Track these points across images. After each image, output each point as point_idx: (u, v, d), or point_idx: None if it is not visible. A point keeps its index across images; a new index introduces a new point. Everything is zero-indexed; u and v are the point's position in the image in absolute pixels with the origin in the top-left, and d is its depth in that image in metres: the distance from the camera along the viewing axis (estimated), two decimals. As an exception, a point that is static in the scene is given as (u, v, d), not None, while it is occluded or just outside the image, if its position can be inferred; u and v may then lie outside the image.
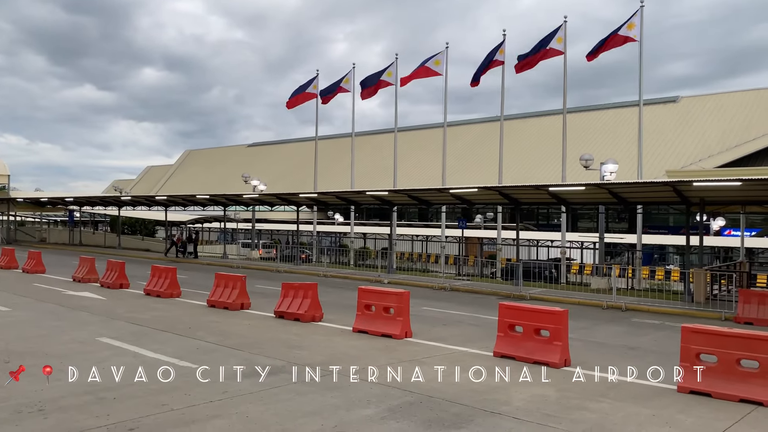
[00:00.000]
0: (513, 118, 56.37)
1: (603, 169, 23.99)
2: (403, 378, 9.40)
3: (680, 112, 51.51)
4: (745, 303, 16.82)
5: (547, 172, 43.83)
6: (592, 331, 15.07)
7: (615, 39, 24.42)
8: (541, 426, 7.32)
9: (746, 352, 8.82)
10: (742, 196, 20.58)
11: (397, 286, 21.34)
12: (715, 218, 35.56)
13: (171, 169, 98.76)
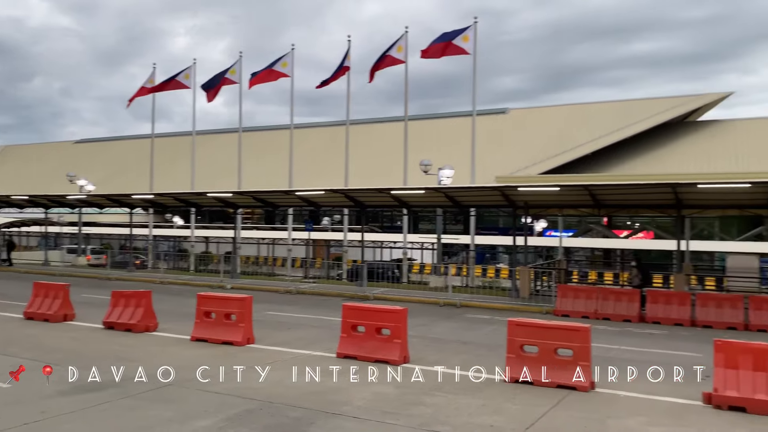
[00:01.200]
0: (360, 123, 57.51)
1: (440, 174, 25.27)
2: (243, 385, 9.15)
3: (510, 122, 55.84)
4: (563, 297, 18.61)
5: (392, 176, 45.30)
6: (430, 327, 15.78)
7: (451, 47, 25.80)
8: (380, 423, 7.50)
9: (562, 342, 9.74)
10: (560, 200, 22.77)
11: (241, 292, 20.79)
12: (539, 220, 39.00)
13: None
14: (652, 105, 49.75)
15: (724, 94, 51.12)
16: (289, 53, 30.86)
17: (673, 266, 22.36)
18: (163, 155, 52.92)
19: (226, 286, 24.67)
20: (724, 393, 8.61)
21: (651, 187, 18.94)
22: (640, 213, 25.90)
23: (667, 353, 12.89)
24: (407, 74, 27.96)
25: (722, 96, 51.07)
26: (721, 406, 8.56)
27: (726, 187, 17.54)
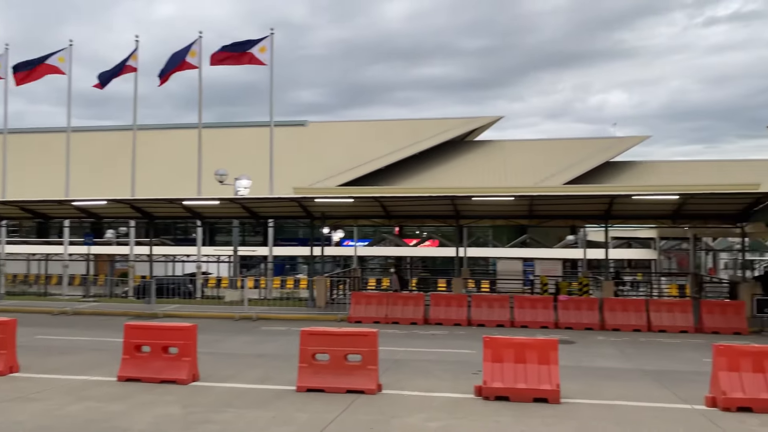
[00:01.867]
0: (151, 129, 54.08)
1: (237, 185, 24.81)
2: (4, 420, 8.04)
3: (309, 135, 56.78)
4: (356, 304, 19.35)
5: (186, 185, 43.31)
6: (223, 343, 15.35)
7: (247, 57, 25.53)
8: (164, 447, 7.10)
9: (351, 348, 10.10)
10: (355, 211, 23.67)
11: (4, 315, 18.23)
12: (336, 230, 40.09)
13: None
14: (438, 125, 54.11)
15: (496, 117, 57.39)
16: (67, 49, 28.06)
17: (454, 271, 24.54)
18: None
19: (-14, 310, 21.48)
20: (492, 385, 9.61)
21: (433, 199, 20.56)
22: (426, 223, 27.99)
23: (447, 351, 14.04)
24: (201, 80, 27.06)
25: (495, 119, 57.29)
26: (489, 397, 9.53)
27: (495, 200, 19.69)
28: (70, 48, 28.10)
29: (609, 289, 21.04)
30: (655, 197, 19.69)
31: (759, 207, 19.08)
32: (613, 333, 17.44)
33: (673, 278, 31.03)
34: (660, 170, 49.84)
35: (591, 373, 11.82)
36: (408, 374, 11.41)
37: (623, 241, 43.25)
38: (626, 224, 31.82)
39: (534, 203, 21.05)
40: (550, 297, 19.86)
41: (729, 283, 23.61)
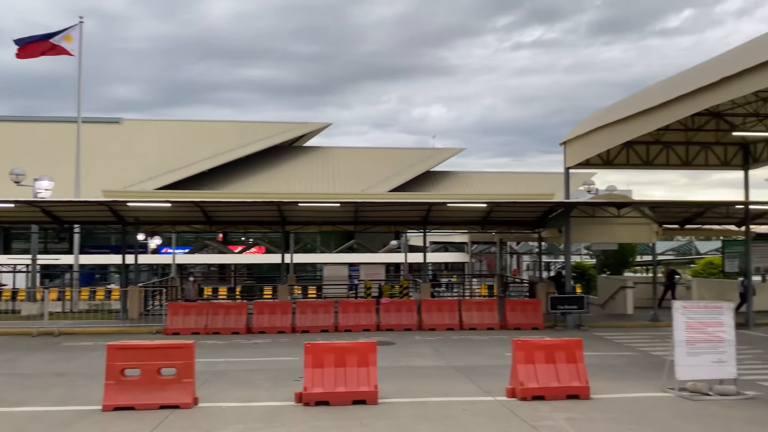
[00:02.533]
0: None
1: (37, 186, 22.33)
2: None
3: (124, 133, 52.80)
4: (173, 315, 18.32)
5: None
6: (18, 362, 13.70)
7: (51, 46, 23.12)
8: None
9: (165, 361, 9.53)
10: (173, 217, 22.43)
11: None
12: (153, 237, 37.70)
13: None
14: (267, 128, 53.41)
15: (325, 124, 58.15)
16: None
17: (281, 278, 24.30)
18: None
19: None
20: (312, 390, 9.64)
21: (259, 204, 20.18)
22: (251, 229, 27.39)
23: (269, 360, 13.82)
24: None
25: (323, 126, 57.99)
26: (309, 402, 9.55)
27: (321, 206, 19.87)
28: None
29: (426, 291, 22.23)
30: (466, 205, 21.22)
31: (553, 215, 21.39)
32: (430, 333, 18.42)
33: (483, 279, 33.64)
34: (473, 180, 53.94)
35: (408, 373, 12.36)
36: (227, 385, 11.05)
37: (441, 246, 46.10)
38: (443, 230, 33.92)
39: (359, 209, 21.58)
40: (372, 300, 20.46)
41: (528, 283, 26.15)
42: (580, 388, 10.12)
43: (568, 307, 19.39)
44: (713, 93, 14.36)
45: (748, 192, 22.61)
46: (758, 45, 13.49)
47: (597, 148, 20.18)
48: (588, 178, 32.93)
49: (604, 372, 12.23)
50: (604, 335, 18.05)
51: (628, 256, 34.38)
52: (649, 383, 11.19)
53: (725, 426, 8.60)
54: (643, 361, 13.97)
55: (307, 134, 56.96)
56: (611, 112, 19.44)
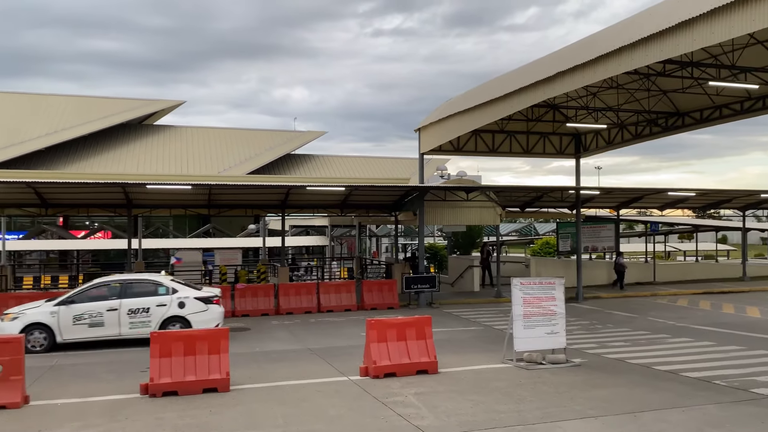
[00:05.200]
0: None
1: None
2: None
3: (-59, 105, 46.59)
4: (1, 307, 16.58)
5: None
6: None
7: None
8: None
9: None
10: (3, 199, 20.23)
11: None
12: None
13: None
14: (112, 104, 49.61)
15: (178, 102, 55.21)
16: None
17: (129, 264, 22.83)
18: None
19: None
20: (159, 381, 9.23)
21: (102, 186, 18.75)
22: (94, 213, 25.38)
23: (115, 351, 13.00)
24: None
25: (177, 104, 55.02)
26: (156, 394, 9.13)
27: (171, 188, 18.88)
28: None
29: (285, 275, 22.06)
30: (325, 188, 21.27)
31: (408, 198, 22.12)
32: (287, 317, 18.36)
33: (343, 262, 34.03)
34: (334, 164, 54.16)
35: (262, 358, 12.24)
36: (65, 381, 10.27)
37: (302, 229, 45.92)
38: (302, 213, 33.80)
39: (213, 192, 20.83)
40: (228, 286, 19.93)
41: (386, 265, 26.89)
42: (428, 363, 10.63)
43: (420, 286, 20.23)
44: (550, 86, 15.56)
45: (579, 178, 24.86)
46: (589, 43, 14.81)
47: (448, 135, 21.10)
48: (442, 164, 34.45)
49: (452, 346, 12.95)
50: (453, 312, 19.08)
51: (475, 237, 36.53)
52: (491, 355, 12.02)
53: (555, 390, 9.47)
54: (487, 335, 14.96)
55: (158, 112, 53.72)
56: (461, 101, 20.39)
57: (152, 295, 13.74)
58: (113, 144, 46.76)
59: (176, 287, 14.00)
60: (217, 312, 13.92)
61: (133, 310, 13.51)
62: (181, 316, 13.58)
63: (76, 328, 13.21)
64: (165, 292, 13.80)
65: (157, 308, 13.60)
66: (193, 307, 13.70)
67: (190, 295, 13.84)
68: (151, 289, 13.88)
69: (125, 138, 48.08)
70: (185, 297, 13.78)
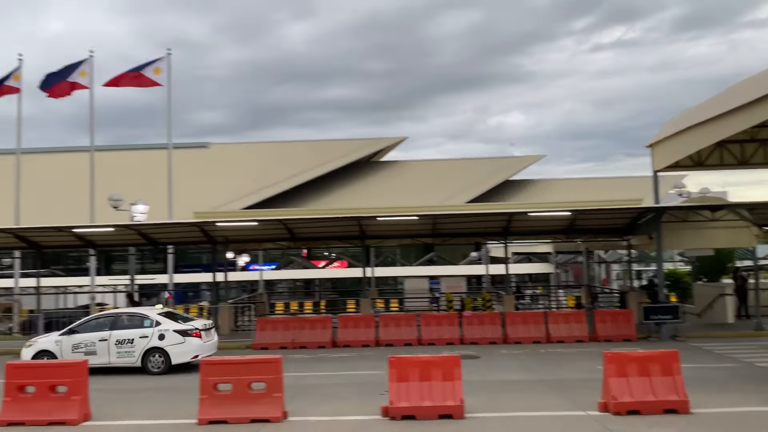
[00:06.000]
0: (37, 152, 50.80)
1: (134, 210, 23.74)
2: None
3: (212, 157, 55.37)
4: (261, 330, 18.89)
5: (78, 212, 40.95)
6: (115, 378, 14.48)
7: (141, 78, 24.62)
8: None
9: (255, 376, 9.83)
10: (259, 235, 23.23)
11: None
12: (241, 255, 39.11)
13: None
14: (344, 146, 54.44)
15: (401, 138, 58.56)
16: (-61, 68, 25.91)
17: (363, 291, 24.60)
18: None
19: None
20: (398, 405, 9.64)
21: (339, 220, 20.55)
22: (333, 244, 27.90)
23: (355, 374, 13.96)
24: (93, 101, 25.78)
25: (399, 140, 58.43)
26: (395, 417, 9.55)
27: (399, 219, 19.99)
28: (-57, 66, 26.00)
29: (510, 303, 21.80)
30: (548, 214, 20.70)
31: (642, 221, 20.50)
32: (516, 346, 18.04)
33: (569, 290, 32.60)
34: (555, 188, 52.59)
35: (494, 387, 12.14)
36: (315, 399, 11.25)
37: (523, 256, 45.10)
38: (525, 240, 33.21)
39: (437, 222, 21.53)
40: (455, 313, 20.28)
41: (619, 293, 25.12)
42: (678, 402, 9.59)
43: (662, 317, 18.47)
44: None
45: None
46: None
47: (687, 150, 19.22)
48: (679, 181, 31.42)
49: (704, 384, 11.54)
50: (702, 346, 17.05)
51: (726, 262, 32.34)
52: (755, 396, 10.46)
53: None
54: (748, 372, 13.08)
55: (383, 149, 57.58)
56: (701, 110, 18.48)
57: (138, 327, 15.01)
58: (346, 181, 51.03)
59: (160, 320, 15.10)
60: (194, 344, 14.79)
61: (120, 340, 14.87)
62: (160, 348, 14.70)
63: (75, 355, 14.55)
64: (149, 325, 14.99)
65: (140, 339, 14.84)
66: (171, 339, 14.75)
67: (170, 328, 14.87)
68: (137, 322, 15.20)
69: (356, 174, 52.16)
70: (165, 330, 14.85)
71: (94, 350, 15.02)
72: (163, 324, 15.13)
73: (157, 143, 55.96)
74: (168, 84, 25.29)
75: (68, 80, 24.64)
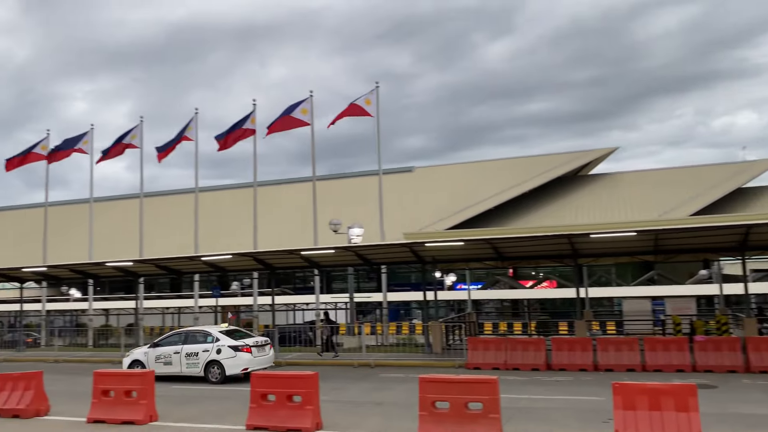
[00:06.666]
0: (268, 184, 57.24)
1: (350, 233, 25.45)
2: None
3: (416, 180, 57.55)
4: (473, 350, 18.93)
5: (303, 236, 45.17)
6: (344, 390, 15.51)
7: (353, 108, 26.51)
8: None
9: (472, 396, 9.84)
10: (466, 254, 23.44)
11: (143, 365, 19.61)
12: (448, 274, 39.81)
13: None
14: (548, 161, 52.90)
15: (611, 149, 55.22)
16: (193, 117, 30.55)
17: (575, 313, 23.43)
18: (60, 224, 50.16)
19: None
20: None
21: (548, 238, 19.92)
22: (542, 263, 27.11)
23: (573, 399, 13.31)
24: (314, 136, 28.36)
25: (609, 151, 55.14)
26: (624, 447, 8.87)
27: (615, 236, 18.75)
28: (196, 116, 30.57)
29: (752, 327, 19.18)
30: (798, 224, 17.90)
31: None
32: (761, 375, 15.79)
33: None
34: (801, 194, 45.43)
35: (738, 421, 10.73)
36: (532, 422, 10.93)
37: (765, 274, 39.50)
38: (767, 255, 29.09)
39: (659, 237, 19.82)
40: (684, 338, 18.39)
41: None
42: None
43: None
44: None
45: None
46: None
47: None
48: None
49: None
50: None
51: None
52: None
53: None
54: None
55: (591, 162, 54.75)
56: None
57: (202, 343, 17.68)
58: (552, 197, 49.42)
59: (219, 337, 17.56)
60: (244, 358, 17.11)
61: (188, 353, 17.63)
62: (217, 360, 17.22)
63: (157, 365, 17.55)
64: (210, 341, 17.56)
65: (203, 353, 17.45)
66: (226, 354, 17.19)
67: (225, 344, 17.35)
68: (202, 339, 17.84)
69: (562, 190, 50.29)
70: (222, 345, 17.35)
71: (170, 361, 17.86)
72: (221, 340, 17.51)
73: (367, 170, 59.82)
74: (377, 114, 26.89)
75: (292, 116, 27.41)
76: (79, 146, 32.34)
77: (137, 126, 31.88)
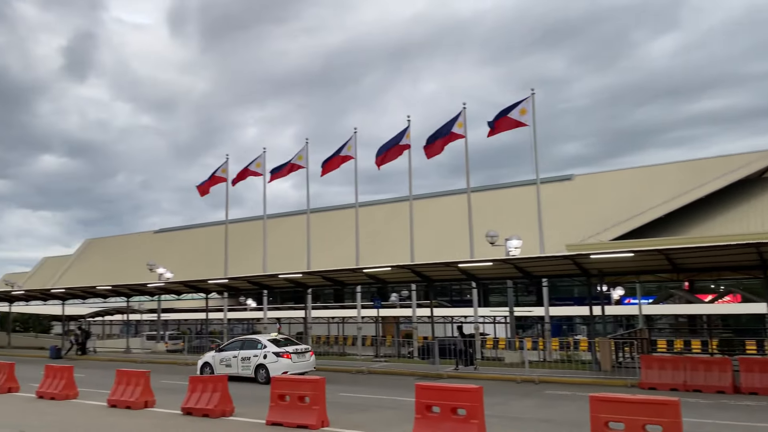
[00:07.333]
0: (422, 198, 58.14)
1: (508, 245, 24.97)
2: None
3: (576, 188, 55.13)
4: (647, 368, 17.59)
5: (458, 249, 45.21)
6: (508, 406, 15.19)
7: (508, 121, 26.08)
8: None
9: (650, 417, 9.15)
10: (636, 266, 21.94)
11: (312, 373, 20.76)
12: (615, 288, 37.50)
13: (69, 260, 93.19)
14: (724, 163, 48.07)
15: (802, 146, 48.86)
16: (352, 136, 31.98)
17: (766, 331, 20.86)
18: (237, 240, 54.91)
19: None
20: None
21: (731, 248, 18.01)
22: (723, 276, 24.54)
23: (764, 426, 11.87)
24: (467, 148, 28.35)
25: (800, 148, 48.80)
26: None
27: (816, 244, 16.50)
28: (355, 135, 31.96)
29: None
30: None
31: None
32: None
33: None
34: None
35: None
36: None
37: None
38: None
39: None
40: None
41: None
42: None
43: None
44: None
45: None
46: None
47: None
48: None
49: None
50: None
51: None
52: None
53: None
54: None
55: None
56: None
57: (254, 349, 20.80)
58: (732, 202, 44.83)
59: (267, 344, 20.59)
60: (284, 363, 19.83)
61: (243, 358, 20.81)
62: (264, 365, 20.15)
63: (220, 367, 20.99)
64: (260, 347, 20.68)
65: (253, 358, 20.53)
66: (270, 359, 20.09)
67: (271, 351, 20.27)
68: (253, 345, 21.06)
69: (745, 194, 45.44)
70: (268, 351, 20.28)
71: (230, 364, 20.94)
72: (268, 347, 20.51)
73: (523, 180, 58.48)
74: (533, 123, 26.24)
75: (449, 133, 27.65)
76: (253, 168, 35.29)
77: (303, 148, 34.08)
